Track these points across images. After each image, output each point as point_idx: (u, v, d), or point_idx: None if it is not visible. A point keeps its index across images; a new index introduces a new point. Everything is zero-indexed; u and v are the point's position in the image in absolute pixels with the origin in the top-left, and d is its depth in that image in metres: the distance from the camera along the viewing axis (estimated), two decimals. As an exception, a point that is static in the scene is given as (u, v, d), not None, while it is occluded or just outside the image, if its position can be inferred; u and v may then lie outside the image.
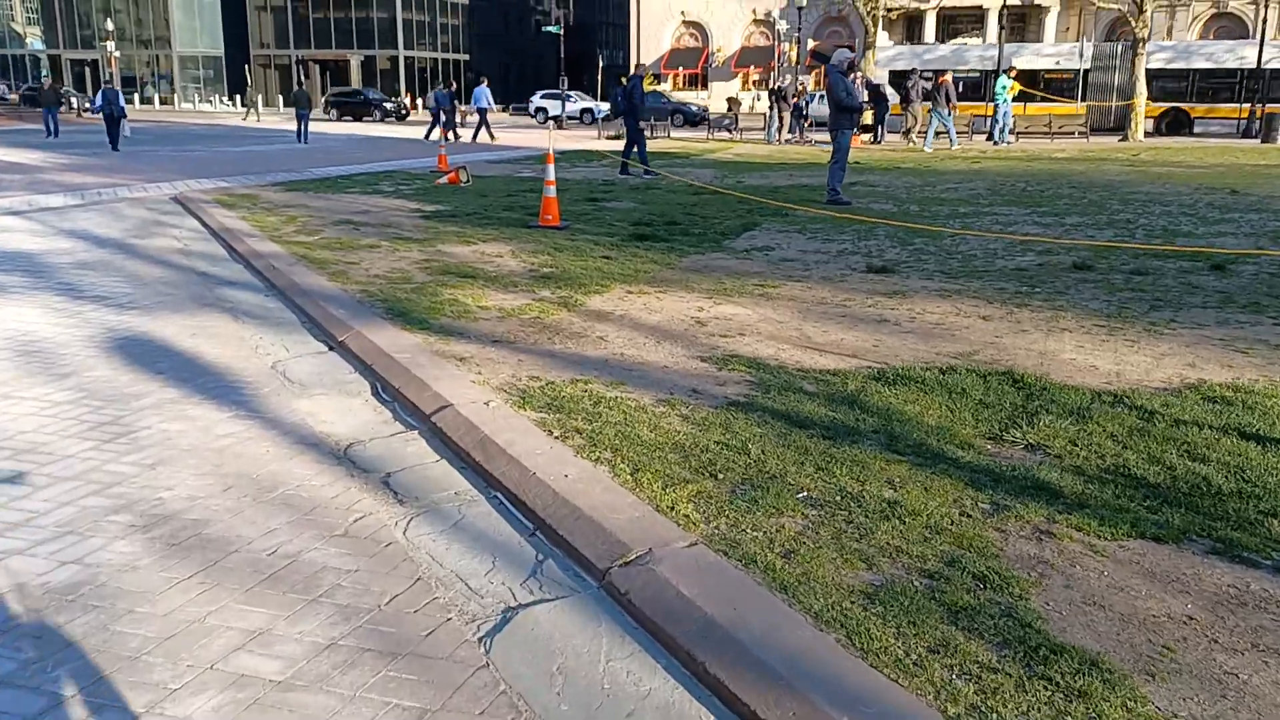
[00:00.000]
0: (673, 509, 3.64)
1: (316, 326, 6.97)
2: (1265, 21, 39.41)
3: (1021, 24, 58.78)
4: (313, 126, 33.69)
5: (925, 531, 3.44)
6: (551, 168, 11.36)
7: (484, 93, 32.25)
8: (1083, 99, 35.06)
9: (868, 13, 32.37)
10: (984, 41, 53.71)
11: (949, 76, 27.39)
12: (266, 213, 12.78)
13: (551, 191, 11.29)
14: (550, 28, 44.57)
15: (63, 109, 29.45)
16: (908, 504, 3.64)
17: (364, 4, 72.36)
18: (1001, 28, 33.71)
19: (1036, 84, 34.39)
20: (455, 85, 33.90)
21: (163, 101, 72.24)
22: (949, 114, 26.29)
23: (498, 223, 11.71)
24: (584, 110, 46.99)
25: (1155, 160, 21.57)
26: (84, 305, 7.75)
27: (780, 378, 5.28)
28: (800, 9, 38.69)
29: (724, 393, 5.03)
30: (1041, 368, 5.48)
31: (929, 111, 27.33)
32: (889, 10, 33.73)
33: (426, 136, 31.34)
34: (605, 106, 35.14)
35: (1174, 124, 34.32)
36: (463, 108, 31.32)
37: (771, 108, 30.59)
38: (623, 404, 4.85)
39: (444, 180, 16.80)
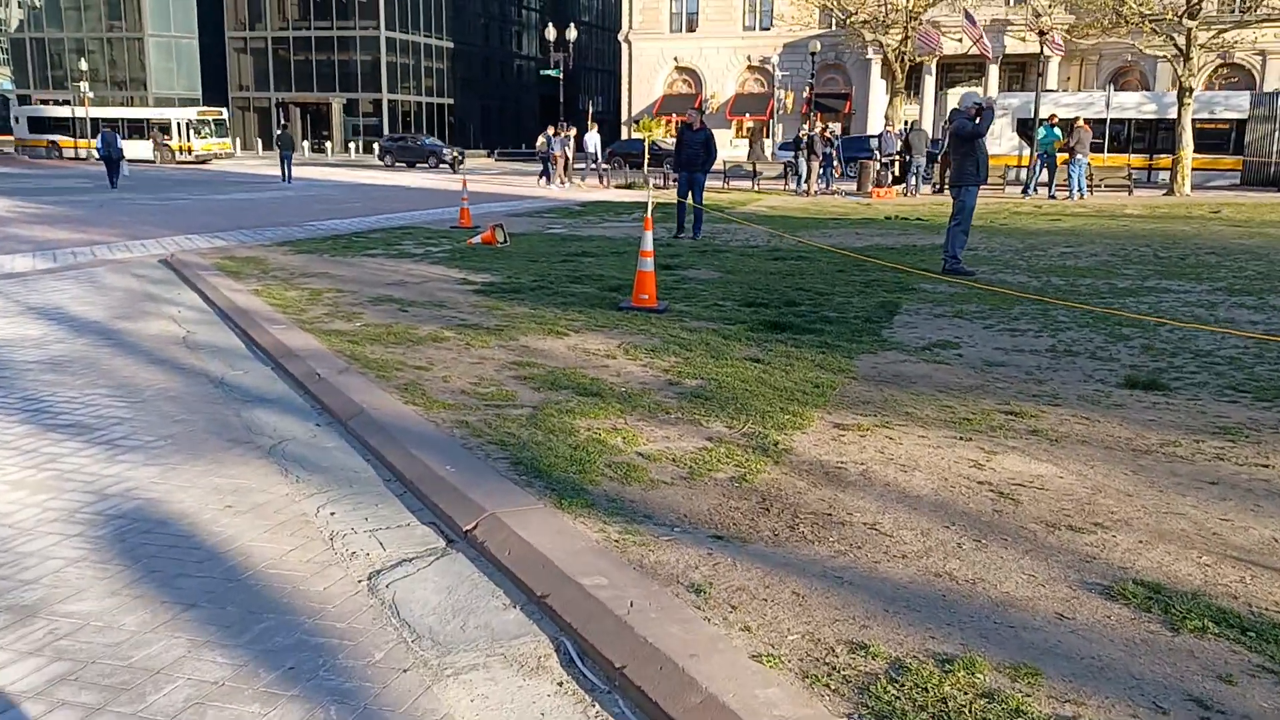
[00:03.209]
0: None
1: (412, 492, 4.65)
2: None
3: (1021, 73, 57.77)
4: (326, 174, 31.55)
5: None
6: (649, 235, 9.12)
7: (594, 139, 32.71)
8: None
9: (895, 59, 30.64)
10: (984, 90, 52.45)
11: (1083, 122, 26.13)
12: (283, 285, 10.44)
13: (649, 266, 9.04)
14: (549, 71, 42.67)
15: None
16: None
17: (346, 47, 70.32)
18: (1038, 75, 31.88)
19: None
20: (569, 130, 33.13)
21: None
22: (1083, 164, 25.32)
23: (576, 301, 9.44)
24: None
25: (1250, 219, 19.65)
26: (60, 442, 5.39)
27: (1305, 656, 3.01)
28: (814, 54, 36.95)
29: (1255, 708, 2.75)
30: None
31: (1064, 162, 25.90)
32: (914, 59, 32.04)
33: (541, 181, 31.49)
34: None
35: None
36: (556, 153, 30.78)
37: (797, 158, 28.63)
38: (1089, 738, 2.57)
39: (477, 240, 14.53)
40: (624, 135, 57.57)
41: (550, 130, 31.36)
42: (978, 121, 11.65)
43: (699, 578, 3.57)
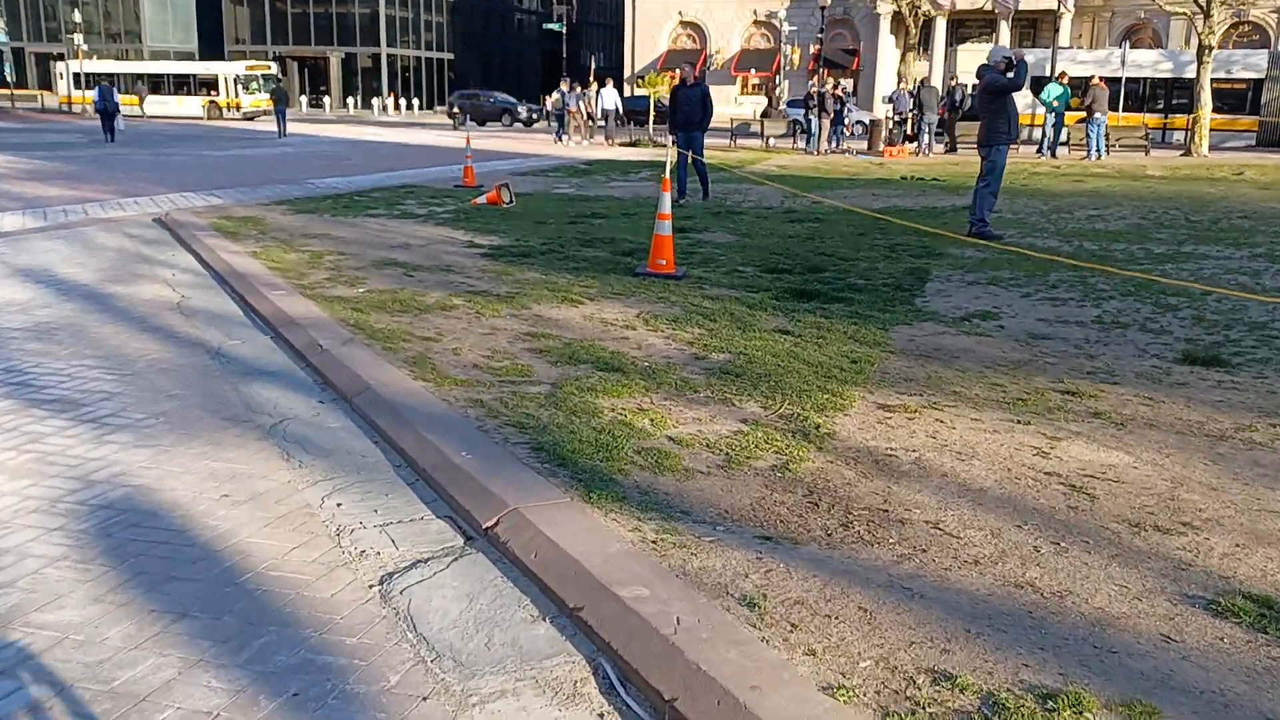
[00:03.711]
0: None
1: (425, 481, 4.27)
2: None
3: (1033, 29, 56.77)
4: (324, 130, 30.93)
5: None
6: (667, 196, 8.66)
7: (613, 95, 32.07)
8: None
9: (909, 13, 29.89)
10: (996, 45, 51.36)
11: (1099, 80, 25.67)
12: (282, 246, 10.00)
13: (666, 229, 8.59)
14: (551, 25, 41.81)
15: None
16: None
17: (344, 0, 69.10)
18: (1054, 31, 31.10)
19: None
20: (579, 86, 32.84)
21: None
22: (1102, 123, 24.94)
23: (588, 266, 9.02)
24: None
25: (1276, 181, 19.14)
26: (43, 419, 5.00)
27: None
28: (823, 9, 36.12)
29: None
30: None
31: (1078, 121, 25.40)
32: (929, 14, 31.30)
33: (557, 139, 31.43)
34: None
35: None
36: (572, 108, 31.08)
37: (808, 116, 28.00)
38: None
39: (482, 200, 14.06)
40: (627, 92, 56.61)
41: (564, 86, 30.75)
42: (1010, 76, 11.13)
43: (750, 588, 3.18)
